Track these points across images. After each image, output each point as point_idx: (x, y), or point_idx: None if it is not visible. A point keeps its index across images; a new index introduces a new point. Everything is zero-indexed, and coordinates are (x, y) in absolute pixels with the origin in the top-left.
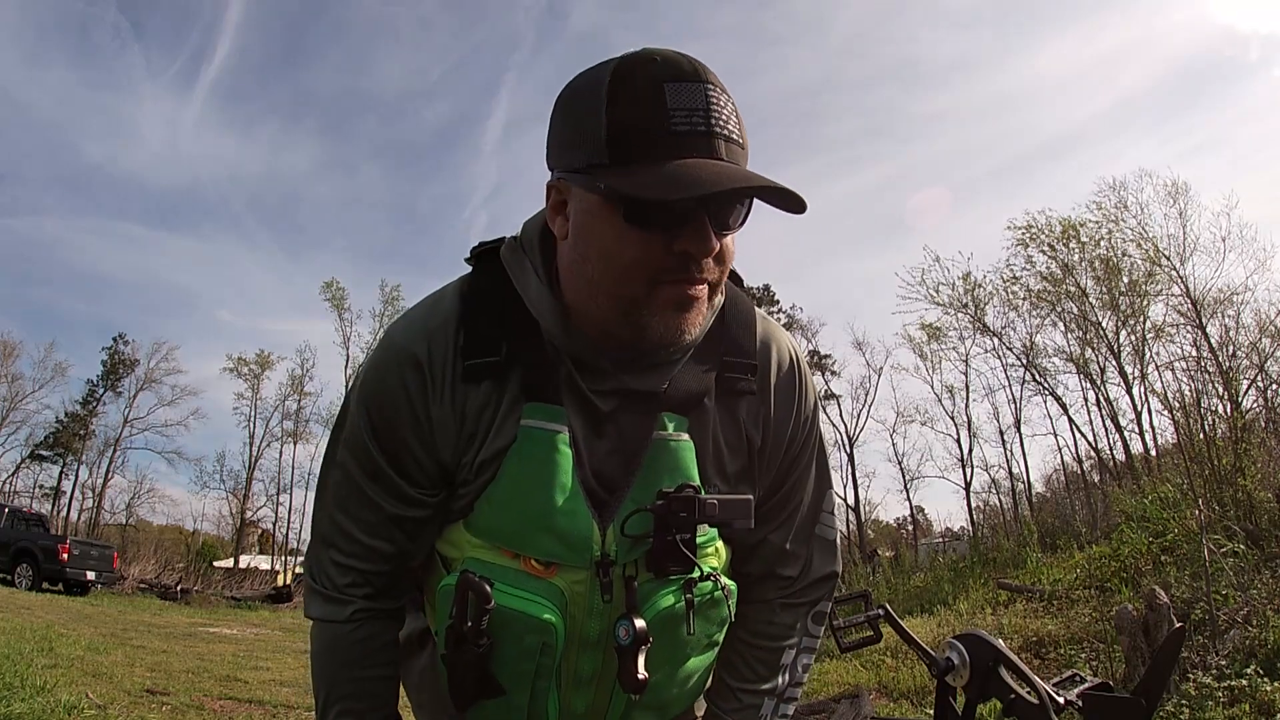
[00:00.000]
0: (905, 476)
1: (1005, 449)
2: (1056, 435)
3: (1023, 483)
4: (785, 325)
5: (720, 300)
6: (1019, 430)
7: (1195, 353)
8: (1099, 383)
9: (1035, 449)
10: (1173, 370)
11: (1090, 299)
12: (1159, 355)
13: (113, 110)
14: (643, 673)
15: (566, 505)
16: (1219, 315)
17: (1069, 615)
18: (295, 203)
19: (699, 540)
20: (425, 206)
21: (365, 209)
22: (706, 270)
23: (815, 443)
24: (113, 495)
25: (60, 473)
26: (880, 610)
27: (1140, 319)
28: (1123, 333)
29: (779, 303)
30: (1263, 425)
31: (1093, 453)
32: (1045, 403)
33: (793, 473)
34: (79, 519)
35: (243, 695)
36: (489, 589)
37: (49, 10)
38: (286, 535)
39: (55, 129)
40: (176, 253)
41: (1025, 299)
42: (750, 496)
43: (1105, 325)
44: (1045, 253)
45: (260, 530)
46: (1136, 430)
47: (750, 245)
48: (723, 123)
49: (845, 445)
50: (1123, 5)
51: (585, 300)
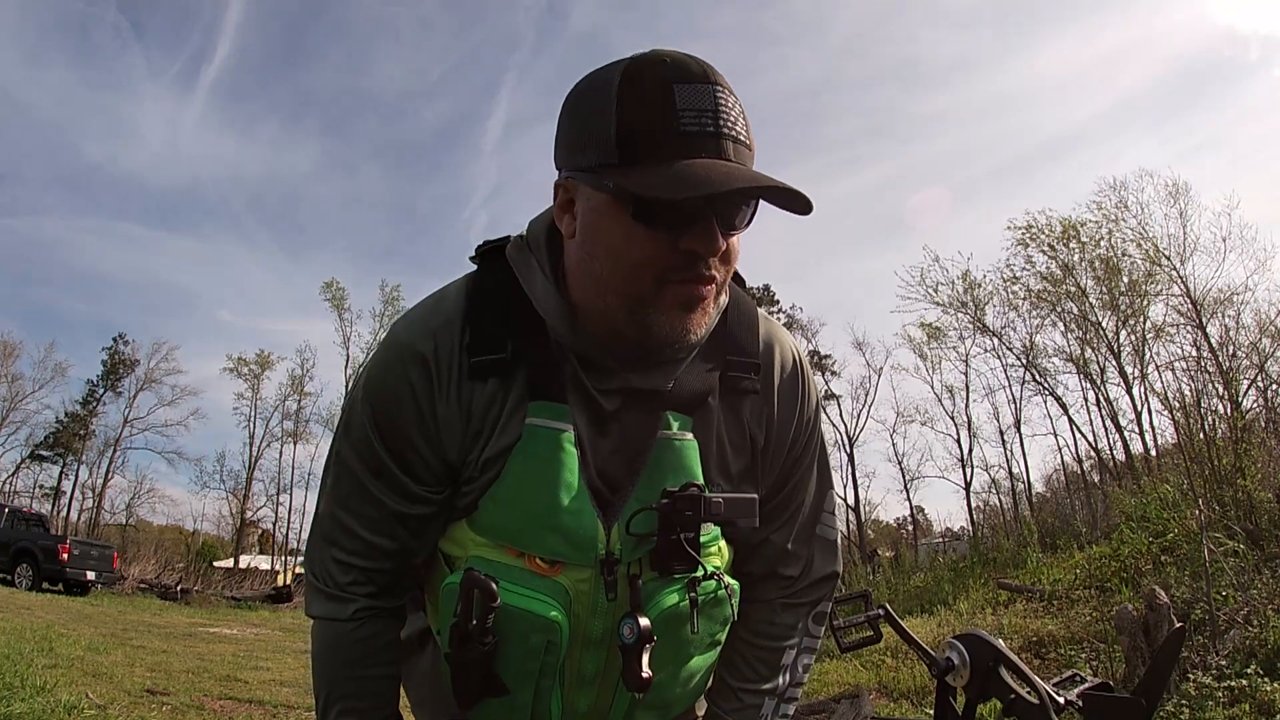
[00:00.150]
0: (905, 476)
1: (1005, 449)
2: (1056, 435)
3: (1023, 483)
4: (785, 325)
5: (725, 300)
6: (1019, 430)
7: (1195, 353)
8: (1099, 383)
9: (1035, 449)
10: (1173, 370)
11: (1090, 299)
12: (1159, 355)
13: (113, 110)
14: (646, 671)
15: (572, 504)
16: (1219, 315)
17: (1069, 615)
18: (295, 203)
19: (702, 539)
20: (425, 206)
21: (365, 209)
22: (713, 270)
23: (817, 444)
24: (113, 495)
25: (60, 473)
26: (880, 610)
27: (1140, 319)
28: (1123, 333)
29: (779, 303)
30: (1263, 425)
31: (1093, 453)
32: (1045, 403)
33: (795, 473)
34: (79, 519)
35: (243, 695)
36: (495, 587)
37: (49, 10)
38: (286, 535)
39: (55, 129)
40: (176, 253)
41: (1025, 299)
42: (755, 496)
43: (1105, 325)
44: (1045, 253)
45: (260, 530)
46: (1136, 430)
47: (751, 245)
48: (731, 124)
49: (845, 445)
50: (1123, 5)
51: (592, 298)
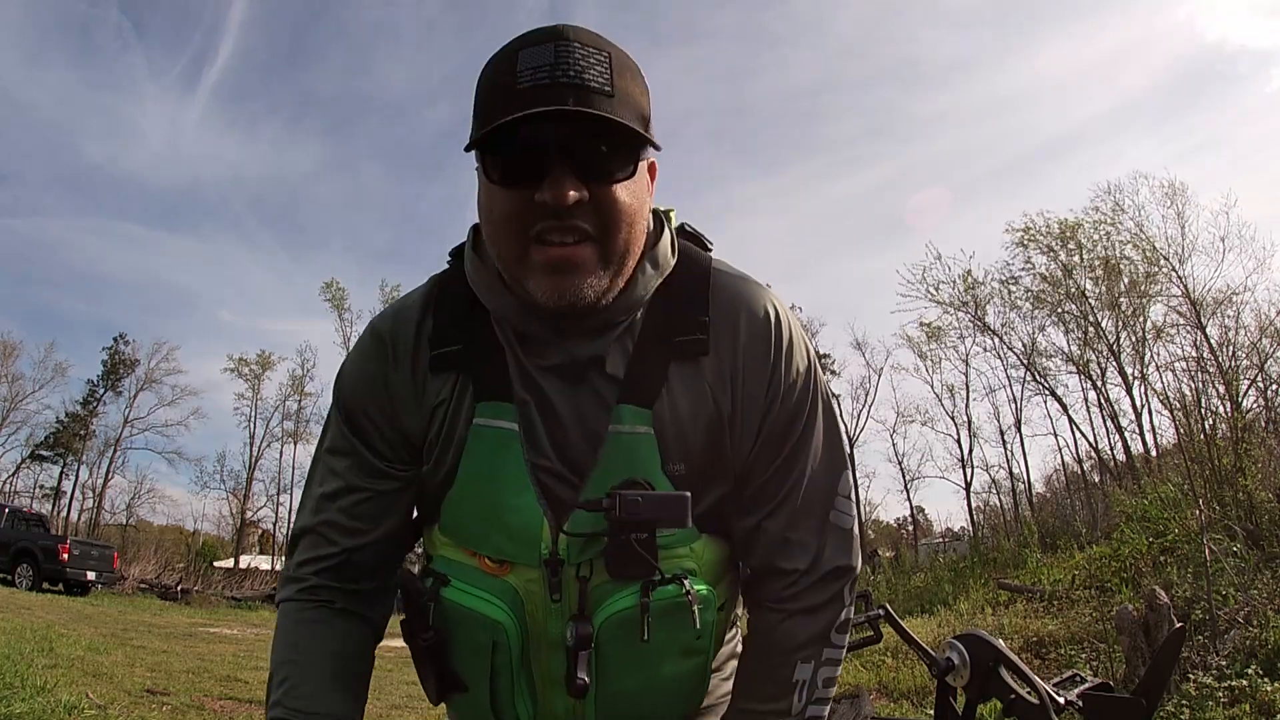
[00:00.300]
0: (905, 476)
1: (1005, 449)
2: (1056, 435)
3: (1023, 483)
4: None
5: (670, 262)
6: (1019, 430)
7: (1195, 353)
8: (1099, 383)
9: (1035, 449)
10: (1173, 370)
11: (1090, 300)
12: (1159, 355)
13: (114, 111)
14: (583, 676)
15: (514, 501)
16: (1219, 315)
17: (1069, 615)
18: (296, 203)
19: (666, 540)
20: (425, 207)
21: (366, 209)
22: (580, 220)
23: (815, 414)
24: (113, 495)
25: (60, 473)
26: (880, 610)
27: (1140, 319)
28: (1123, 333)
29: None
30: (1263, 425)
31: (1093, 453)
32: (1045, 403)
33: (784, 446)
34: (79, 519)
35: (243, 695)
36: (423, 584)
37: (51, 10)
38: (287, 535)
39: (56, 129)
40: (177, 253)
41: (1025, 299)
42: (686, 494)
43: (1105, 326)
44: (1045, 254)
45: (260, 530)
46: (1136, 430)
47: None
48: (573, 73)
49: (845, 445)
50: (1123, 6)
51: (502, 269)
